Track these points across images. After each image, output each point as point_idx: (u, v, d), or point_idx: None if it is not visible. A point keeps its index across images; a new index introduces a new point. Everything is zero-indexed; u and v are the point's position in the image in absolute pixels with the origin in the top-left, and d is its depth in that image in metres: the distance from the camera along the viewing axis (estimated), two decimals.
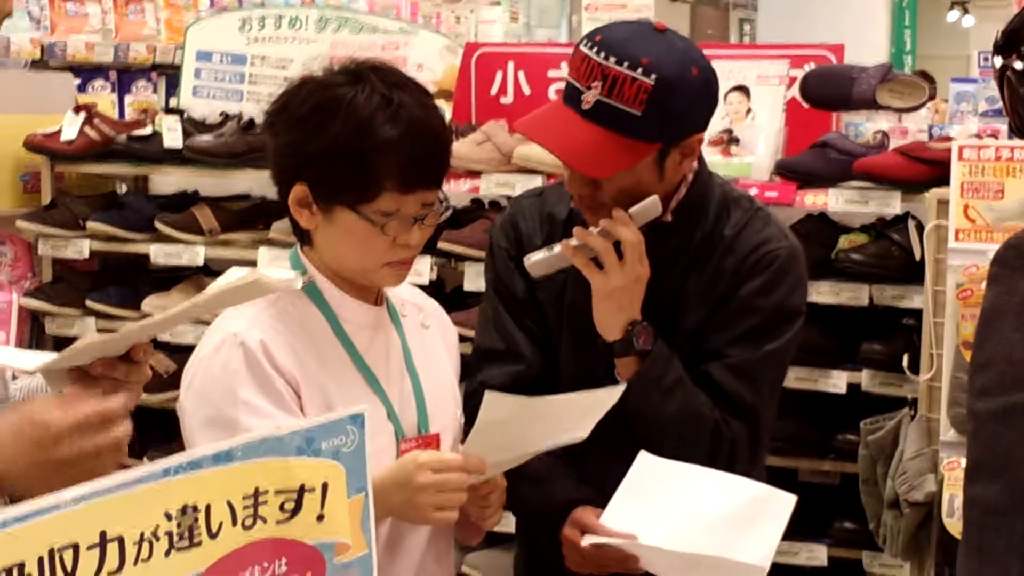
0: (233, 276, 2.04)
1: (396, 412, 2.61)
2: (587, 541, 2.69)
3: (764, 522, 2.60)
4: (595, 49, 2.65)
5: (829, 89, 4.43)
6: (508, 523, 4.42)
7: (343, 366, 2.59)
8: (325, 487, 1.71)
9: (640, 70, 2.61)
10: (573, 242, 2.73)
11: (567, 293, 2.88)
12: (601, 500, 2.74)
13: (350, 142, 2.46)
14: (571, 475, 2.85)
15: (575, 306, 2.86)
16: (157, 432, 4.95)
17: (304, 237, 2.62)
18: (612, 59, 2.62)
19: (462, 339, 2.96)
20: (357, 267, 2.58)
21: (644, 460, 2.70)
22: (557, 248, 2.74)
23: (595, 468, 2.81)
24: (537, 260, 2.75)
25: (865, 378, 4.18)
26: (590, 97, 2.64)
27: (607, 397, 2.57)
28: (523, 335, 2.92)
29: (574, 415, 2.59)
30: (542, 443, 2.62)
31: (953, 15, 21.71)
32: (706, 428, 2.78)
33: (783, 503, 2.62)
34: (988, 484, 1.63)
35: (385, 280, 2.61)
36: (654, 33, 2.69)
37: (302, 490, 1.68)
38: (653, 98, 2.61)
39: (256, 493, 1.64)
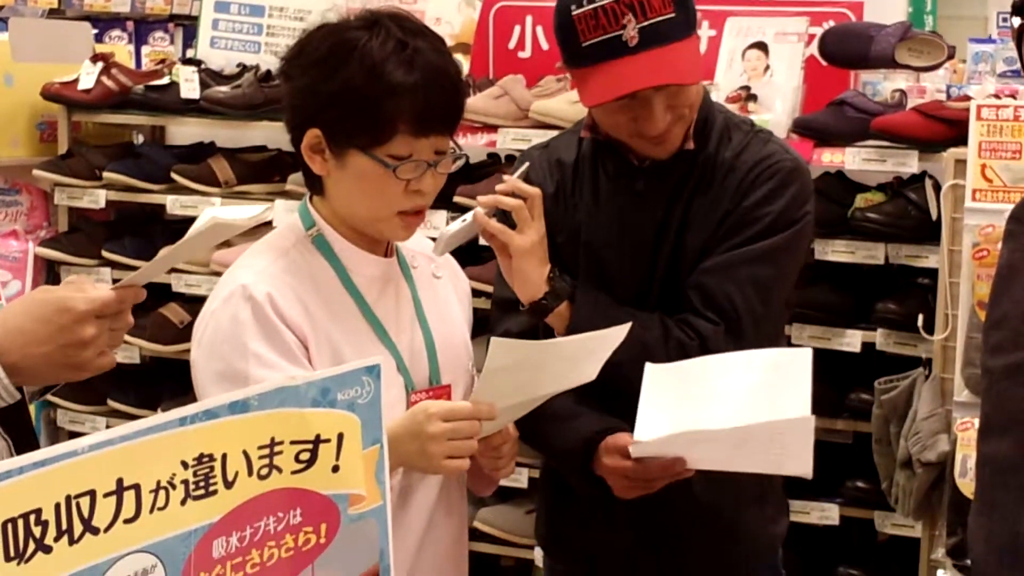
0: (200, 221, 2.05)
1: (406, 364, 2.60)
2: (635, 451, 2.65)
3: (791, 379, 2.58)
4: None
5: (848, 47, 4.41)
6: (520, 479, 4.47)
7: (352, 318, 2.59)
8: (340, 438, 1.71)
9: None
10: (481, 210, 2.74)
11: (581, 233, 2.89)
12: (629, 429, 2.71)
13: (364, 84, 2.45)
14: (596, 409, 2.82)
15: (590, 246, 2.88)
16: (171, 383, 4.97)
17: (316, 186, 2.61)
18: None
19: (477, 293, 2.96)
20: (369, 215, 2.57)
21: (652, 370, 2.69)
22: (468, 217, 2.74)
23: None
24: (449, 234, 2.73)
25: (879, 337, 4.18)
26: (631, 32, 2.65)
27: (614, 336, 2.56)
28: None
29: (581, 356, 2.58)
30: (552, 387, 2.61)
31: None
32: (656, 329, 2.77)
33: (801, 357, 2.61)
34: (999, 440, 1.64)
35: (396, 232, 2.60)
36: None
37: (317, 440, 1.69)
38: None
39: (272, 443, 1.64)
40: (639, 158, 2.84)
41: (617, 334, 2.56)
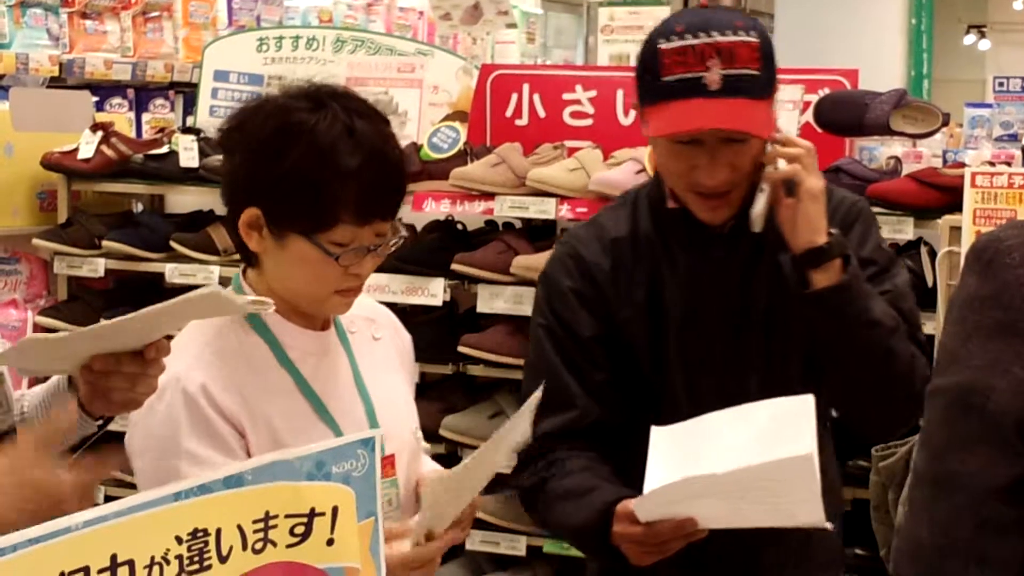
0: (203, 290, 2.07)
1: None
2: (640, 512, 2.60)
3: (792, 425, 2.54)
4: (690, 36, 2.67)
5: (843, 114, 4.44)
6: (518, 546, 4.46)
7: (289, 397, 2.56)
8: (335, 511, 1.72)
9: (742, 32, 2.67)
10: (770, 168, 2.74)
11: (667, 317, 2.85)
12: None
13: (311, 170, 2.42)
14: (609, 480, 2.80)
15: (672, 316, 2.85)
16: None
17: (251, 259, 2.58)
18: (716, 34, 2.65)
19: (469, 360, 2.95)
20: (306, 294, 2.54)
21: (657, 433, 2.66)
22: (764, 187, 2.75)
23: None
24: (759, 211, 2.74)
25: None
26: (714, 76, 2.65)
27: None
28: (575, 381, 2.88)
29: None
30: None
31: (969, 39, 21.72)
32: (902, 330, 2.78)
33: (803, 403, 2.57)
34: (918, 454, 1.86)
35: (334, 308, 2.58)
36: (714, 7, 2.77)
37: (312, 514, 1.69)
38: (763, 53, 2.69)
39: (267, 517, 1.65)
40: (715, 224, 2.83)
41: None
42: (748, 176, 2.76)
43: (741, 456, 2.51)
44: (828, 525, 2.49)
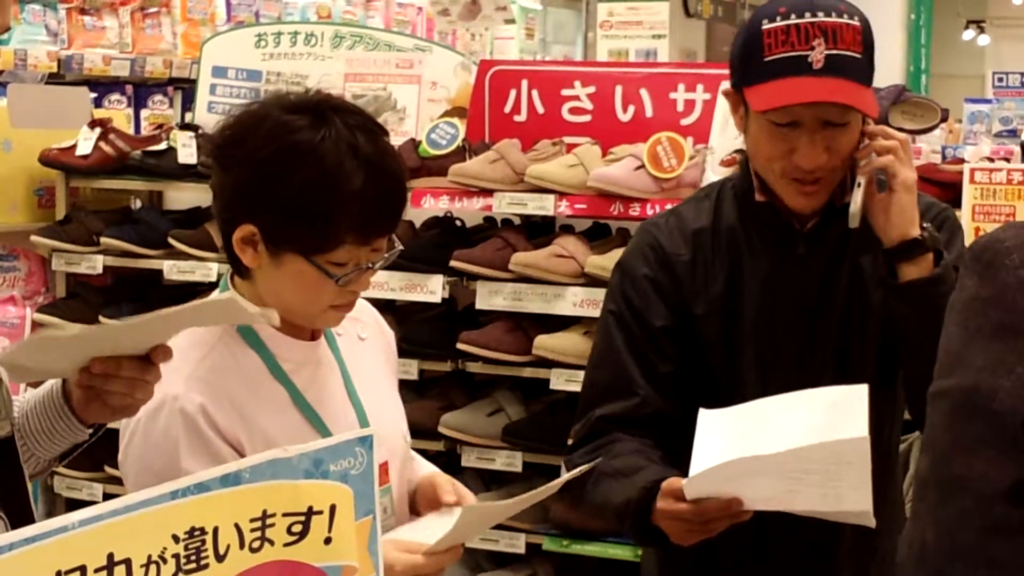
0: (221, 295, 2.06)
1: None
2: (688, 490, 2.56)
3: (846, 412, 2.50)
4: (794, 16, 2.67)
5: None
6: (517, 543, 4.45)
7: (284, 410, 2.54)
8: (333, 509, 1.71)
9: (846, 16, 2.67)
10: (864, 161, 2.73)
11: (743, 311, 2.84)
12: None
13: (317, 194, 2.38)
14: (658, 463, 2.77)
15: (747, 313, 2.84)
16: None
17: (242, 271, 2.53)
18: (821, 14, 2.65)
19: (468, 357, 2.94)
20: (300, 311, 2.50)
21: (705, 415, 2.64)
22: (861, 180, 2.73)
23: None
24: (858, 206, 2.72)
25: None
26: (819, 55, 2.65)
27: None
28: (640, 370, 2.86)
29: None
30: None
31: (968, 34, 21.72)
32: None
33: (858, 393, 2.54)
34: (922, 458, 1.85)
35: (327, 322, 2.55)
36: None
37: (310, 512, 1.69)
38: (865, 39, 2.69)
39: (264, 515, 1.64)
40: (800, 221, 2.81)
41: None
42: (844, 163, 2.75)
43: (793, 439, 2.48)
44: (872, 521, 2.47)
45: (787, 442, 2.48)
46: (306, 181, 2.37)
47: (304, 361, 2.58)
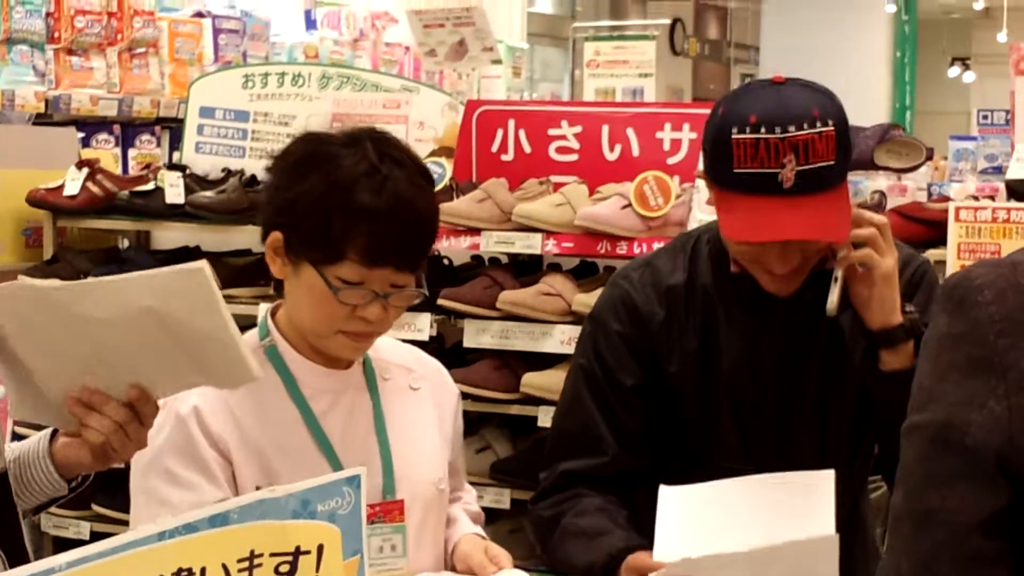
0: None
1: None
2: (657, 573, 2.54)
3: (812, 501, 2.53)
4: (764, 129, 2.57)
5: None
6: None
7: (291, 428, 2.55)
8: (321, 549, 1.71)
9: (819, 123, 2.59)
10: (842, 253, 2.69)
11: (719, 366, 2.81)
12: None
13: (322, 198, 2.43)
14: (623, 527, 2.77)
15: (725, 373, 2.81)
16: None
17: (280, 288, 2.60)
18: (792, 128, 2.57)
19: (463, 396, 2.93)
20: (311, 329, 2.55)
21: (666, 492, 2.64)
22: (837, 273, 2.69)
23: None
24: (836, 300, 2.68)
25: None
26: (789, 173, 2.57)
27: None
28: (608, 427, 2.84)
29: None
30: None
31: (954, 71, 21.81)
32: None
33: (823, 479, 2.55)
34: (896, 492, 1.86)
35: (340, 349, 2.56)
36: (789, 86, 2.65)
37: (297, 552, 1.69)
38: (839, 141, 2.61)
39: (251, 556, 1.64)
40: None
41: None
42: (820, 254, 2.72)
43: (764, 531, 2.50)
44: None
45: (757, 535, 2.49)
46: (315, 185, 2.44)
47: (325, 388, 2.60)
